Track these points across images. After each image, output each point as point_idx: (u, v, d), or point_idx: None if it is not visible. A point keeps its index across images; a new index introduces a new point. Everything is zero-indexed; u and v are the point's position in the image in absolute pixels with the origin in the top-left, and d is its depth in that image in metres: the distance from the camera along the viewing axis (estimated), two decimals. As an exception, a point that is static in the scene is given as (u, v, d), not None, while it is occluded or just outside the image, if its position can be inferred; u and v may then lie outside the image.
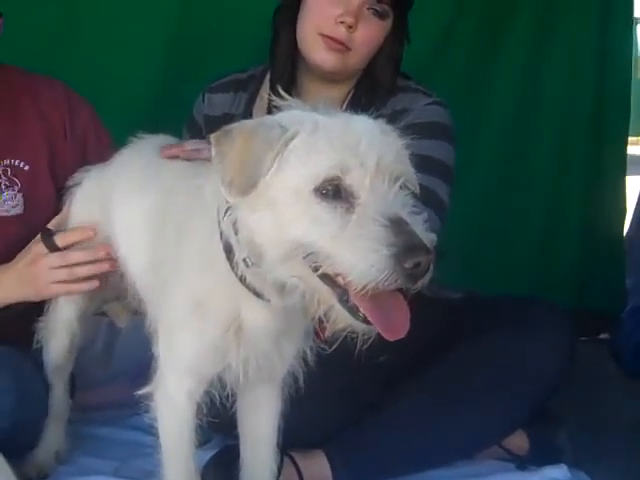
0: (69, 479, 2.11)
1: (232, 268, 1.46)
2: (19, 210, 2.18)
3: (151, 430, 2.39)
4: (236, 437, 1.79)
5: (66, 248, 1.99)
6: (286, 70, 2.22)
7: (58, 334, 2.09)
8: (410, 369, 2.12)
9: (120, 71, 3.10)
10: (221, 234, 1.46)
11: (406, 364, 2.11)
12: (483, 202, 3.35)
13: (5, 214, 2.17)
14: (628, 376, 3.05)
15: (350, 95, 2.24)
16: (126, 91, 3.08)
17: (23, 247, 2.08)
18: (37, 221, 2.14)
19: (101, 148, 2.28)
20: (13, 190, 2.17)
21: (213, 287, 1.51)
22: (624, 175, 3.59)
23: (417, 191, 1.40)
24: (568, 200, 3.49)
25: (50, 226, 2.04)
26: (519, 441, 2.21)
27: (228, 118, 2.26)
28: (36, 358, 2.13)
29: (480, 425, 2.11)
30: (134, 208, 1.79)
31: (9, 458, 1.90)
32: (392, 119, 2.11)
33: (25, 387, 2.02)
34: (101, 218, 1.96)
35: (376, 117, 2.02)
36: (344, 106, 2.22)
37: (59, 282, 1.97)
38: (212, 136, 1.38)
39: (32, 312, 2.08)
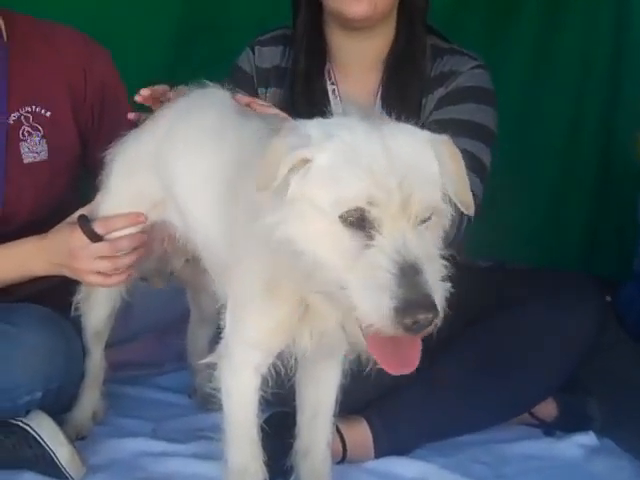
0: (106, 440, 2.13)
1: None
2: (44, 156, 2.15)
3: (179, 391, 2.48)
4: (294, 407, 1.81)
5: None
6: (312, 29, 2.23)
7: (99, 303, 2.08)
8: (446, 336, 2.15)
9: (135, 22, 3.05)
10: None
11: (442, 331, 2.14)
12: (495, 166, 3.36)
13: (31, 160, 2.13)
14: (634, 340, 3.12)
15: (389, 53, 2.24)
16: (141, 42, 3.04)
17: (49, 193, 2.09)
18: (61, 167, 2.15)
19: (118, 95, 2.29)
20: (37, 136, 2.14)
21: (283, 270, 1.48)
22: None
23: (447, 225, 1.38)
24: (580, 163, 3.48)
25: (84, 212, 1.96)
26: (548, 408, 2.26)
27: (279, 71, 2.31)
28: (74, 321, 2.12)
29: (515, 391, 2.15)
30: (202, 168, 1.74)
31: (50, 420, 1.94)
32: (441, 81, 2.18)
33: (71, 350, 2.02)
34: (152, 185, 1.90)
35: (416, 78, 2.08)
36: (385, 64, 2.24)
37: (100, 273, 1.92)
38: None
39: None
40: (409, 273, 1.22)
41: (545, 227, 3.50)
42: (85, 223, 1.91)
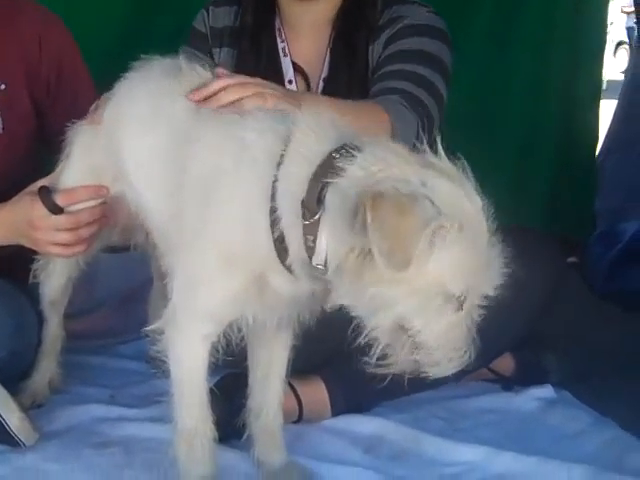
0: (64, 407, 2.13)
1: (274, 243, 1.47)
2: None
3: (139, 358, 2.48)
4: (245, 368, 1.81)
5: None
6: None
7: (56, 272, 2.07)
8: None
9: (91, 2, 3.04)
10: (272, 208, 1.45)
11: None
12: (463, 130, 3.36)
13: None
14: (599, 298, 3.14)
15: (338, 12, 2.24)
16: (99, 14, 3.02)
17: (5, 165, 2.06)
18: (17, 139, 2.13)
19: (77, 66, 2.26)
20: None
21: (245, 248, 1.50)
22: (598, 99, 3.62)
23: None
24: (542, 125, 3.52)
25: (45, 183, 1.94)
26: (506, 363, 2.28)
27: (232, 30, 2.29)
28: (29, 290, 2.12)
29: (480, 342, 2.16)
30: (150, 143, 1.72)
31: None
32: (387, 26, 2.17)
33: (20, 316, 2.02)
34: (106, 159, 1.89)
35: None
36: (334, 23, 2.23)
37: (59, 244, 1.91)
38: (369, 195, 1.31)
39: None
40: None
41: (510, 192, 3.51)
42: (46, 195, 1.89)
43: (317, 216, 1.40)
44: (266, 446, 1.82)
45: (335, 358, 2.08)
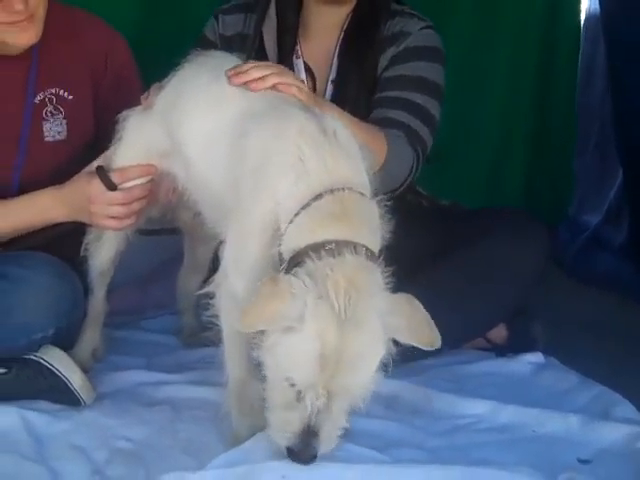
0: (106, 374, 2.31)
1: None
2: (63, 136, 2.33)
3: (164, 332, 2.68)
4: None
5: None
6: None
7: (107, 245, 2.28)
8: (411, 270, 2.40)
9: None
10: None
11: (407, 266, 2.38)
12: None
13: (51, 139, 2.31)
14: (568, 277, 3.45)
15: (350, 17, 2.47)
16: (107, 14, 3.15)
17: (66, 171, 2.23)
18: (78, 147, 2.34)
19: (132, 85, 2.45)
20: (59, 117, 2.31)
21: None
22: (574, 87, 3.85)
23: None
24: (519, 117, 3.79)
25: (100, 162, 2.17)
26: (500, 332, 2.56)
27: (240, 38, 2.49)
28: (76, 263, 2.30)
29: (469, 319, 2.42)
30: (213, 123, 1.91)
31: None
32: (392, 41, 2.42)
33: (77, 291, 2.20)
34: (160, 139, 2.09)
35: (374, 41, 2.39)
36: (344, 27, 2.46)
37: (114, 217, 2.14)
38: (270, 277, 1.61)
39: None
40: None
41: (487, 177, 3.79)
42: (103, 173, 2.14)
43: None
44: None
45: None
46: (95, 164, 2.17)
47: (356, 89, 2.43)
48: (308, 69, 2.50)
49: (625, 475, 1.86)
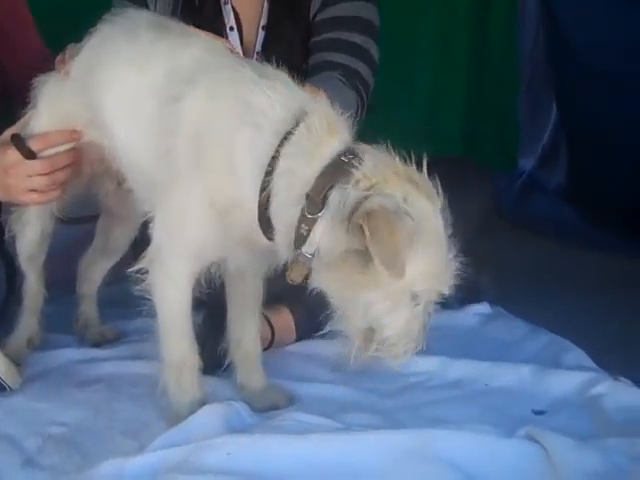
0: (34, 354, 2.16)
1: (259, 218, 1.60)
2: None
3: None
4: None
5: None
6: None
7: (30, 225, 2.08)
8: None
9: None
10: (265, 182, 1.58)
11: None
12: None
13: None
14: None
15: None
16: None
17: None
18: None
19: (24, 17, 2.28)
20: None
21: (231, 205, 1.63)
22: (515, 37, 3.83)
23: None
24: (451, 71, 3.73)
25: (14, 131, 1.97)
26: (445, 284, 2.49)
27: None
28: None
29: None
30: (139, 88, 1.78)
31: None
32: None
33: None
34: (80, 108, 1.93)
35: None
36: None
37: (35, 190, 1.94)
38: (363, 211, 1.47)
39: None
40: None
41: (425, 125, 3.73)
42: (20, 141, 1.92)
43: (320, 213, 1.54)
44: (247, 372, 1.95)
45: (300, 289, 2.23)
46: (9, 133, 1.96)
47: (289, 34, 2.33)
48: (236, 16, 2.36)
49: (581, 422, 1.81)
